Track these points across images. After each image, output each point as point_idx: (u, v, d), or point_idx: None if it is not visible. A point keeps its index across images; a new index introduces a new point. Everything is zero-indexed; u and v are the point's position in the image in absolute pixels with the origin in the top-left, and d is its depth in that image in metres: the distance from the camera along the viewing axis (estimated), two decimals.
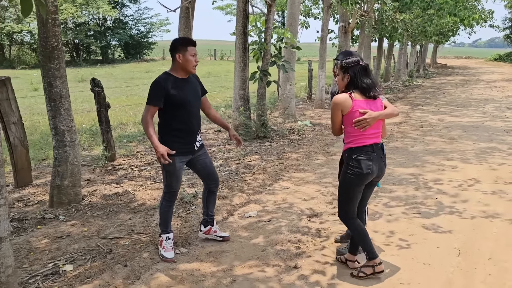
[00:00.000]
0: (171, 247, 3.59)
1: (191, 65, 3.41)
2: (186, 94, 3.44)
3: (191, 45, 3.42)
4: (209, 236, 3.90)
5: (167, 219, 3.61)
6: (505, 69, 35.11)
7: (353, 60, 3.09)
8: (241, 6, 8.18)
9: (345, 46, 14.06)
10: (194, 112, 3.49)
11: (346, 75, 3.10)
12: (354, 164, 3.09)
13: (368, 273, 3.22)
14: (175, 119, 3.42)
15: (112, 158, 6.60)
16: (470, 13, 19.30)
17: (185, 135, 3.47)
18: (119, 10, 35.79)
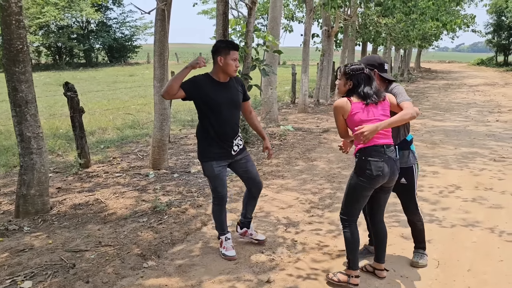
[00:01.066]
0: (231, 245, 3.68)
1: (232, 69, 3.39)
2: (221, 98, 3.41)
3: (234, 49, 3.40)
4: (245, 238, 3.92)
5: (221, 222, 3.68)
6: (487, 73, 35.60)
7: (357, 67, 3.08)
8: (221, 9, 8.02)
9: (328, 50, 14.04)
10: (228, 117, 3.45)
11: (348, 82, 3.08)
12: (364, 165, 3.01)
13: (341, 280, 3.17)
14: (210, 123, 3.42)
15: (86, 164, 6.38)
16: (452, 18, 19.51)
17: (219, 139, 3.45)
18: (102, 13, 35.40)
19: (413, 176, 3.34)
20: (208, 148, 3.45)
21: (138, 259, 3.57)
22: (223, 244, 3.67)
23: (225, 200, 3.65)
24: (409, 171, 3.32)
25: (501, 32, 45.21)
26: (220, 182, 3.52)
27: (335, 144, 8.23)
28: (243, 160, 3.61)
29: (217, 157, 3.46)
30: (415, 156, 3.38)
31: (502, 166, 6.54)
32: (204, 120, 3.45)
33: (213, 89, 3.39)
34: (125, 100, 14.28)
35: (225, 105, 3.42)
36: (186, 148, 7.77)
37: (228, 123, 3.45)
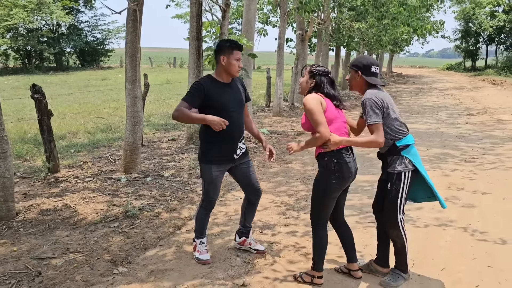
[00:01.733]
0: (206, 249, 3.61)
1: (234, 69, 3.31)
2: (226, 99, 3.32)
3: (237, 49, 3.32)
4: (243, 247, 3.77)
5: (203, 226, 3.60)
6: (456, 77, 36.61)
7: (323, 69, 3.13)
8: (194, 11, 7.95)
9: (302, 54, 14.12)
10: (234, 118, 3.33)
11: (311, 80, 3.10)
12: (335, 167, 2.99)
13: (306, 281, 3.22)
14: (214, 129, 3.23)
15: (55, 169, 6.16)
16: (423, 24, 19.99)
17: (223, 142, 3.34)
18: (73, 16, 34.63)
19: (400, 185, 3.06)
20: (210, 151, 3.35)
21: (108, 266, 3.43)
22: (197, 247, 3.58)
23: (213, 206, 3.58)
24: (396, 177, 3.06)
25: (468, 38, 46.60)
26: (214, 187, 3.45)
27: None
28: (244, 165, 3.52)
29: (218, 161, 3.37)
30: (410, 162, 3.06)
31: (472, 167, 6.68)
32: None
33: (218, 91, 3.30)
34: (97, 104, 13.96)
35: (231, 107, 3.33)
36: (159, 151, 7.62)
37: (235, 124, 3.33)
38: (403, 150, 3.07)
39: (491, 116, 12.64)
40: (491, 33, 42.20)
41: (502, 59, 43.38)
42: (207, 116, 3.13)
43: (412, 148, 3.12)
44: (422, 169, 3.10)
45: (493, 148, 8.09)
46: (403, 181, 3.06)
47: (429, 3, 17.70)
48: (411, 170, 3.06)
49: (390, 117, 3.03)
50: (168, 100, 15.08)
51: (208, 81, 3.33)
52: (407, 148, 3.08)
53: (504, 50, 45.39)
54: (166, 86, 20.26)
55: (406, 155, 3.07)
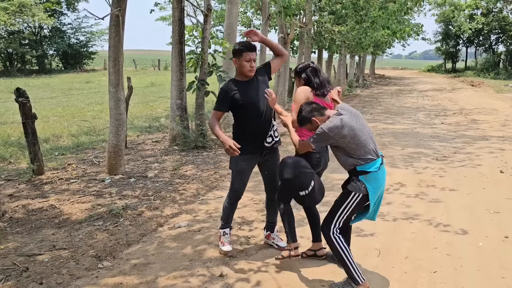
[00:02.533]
0: (228, 241, 3.82)
1: (246, 70, 3.55)
2: (250, 96, 3.57)
3: (247, 51, 3.53)
4: (269, 241, 4.00)
5: (228, 215, 3.85)
6: (436, 79, 37.41)
7: (304, 64, 3.56)
8: (176, 16, 8.15)
9: None
10: (260, 112, 3.58)
11: (299, 78, 3.52)
12: (305, 155, 3.37)
13: (285, 256, 3.50)
14: (244, 121, 3.60)
15: (40, 171, 6.28)
16: (402, 27, 20.48)
17: (252, 135, 3.59)
18: (56, 18, 34.39)
19: (345, 200, 3.17)
20: (240, 144, 3.47)
21: (93, 260, 3.62)
22: (221, 238, 3.83)
23: (239, 197, 3.82)
24: (346, 193, 3.19)
25: (448, 41, 47.62)
26: (241, 179, 3.72)
27: (290, 147, 8.50)
28: (271, 163, 3.72)
29: (246, 152, 3.53)
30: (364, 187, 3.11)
31: (443, 165, 7.02)
32: (239, 119, 3.64)
33: (242, 92, 3.57)
34: (81, 107, 14.01)
35: (256, 102, 3.57)
36: (143, 153, 7.78)
37: (261, 118, 3.58)
38: (361, 175, 3.12)
39: (466, 117, 13.10)
40: (470, 36, 43.22)
41: (481, 61, 44.46)
42: (222, 137, 3.46)
43: (373, 174, 3.10)
44: (373, 195, 3.13)
45: (464, 147, 8.47)
46: (350, 200, 3.15)
47: (407, 7, 18.17)
48: (362, 194, 3.13)
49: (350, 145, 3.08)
50: (152, 103, 15.19)
51: (231, 84, 3.63)
52: (366, 175, 3.10)
53: (483, 52, 46.53)
54: (150, 89, 20.32)
55: (363, 180, 3.11)
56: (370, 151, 3.11)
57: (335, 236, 3.17)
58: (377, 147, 3.21)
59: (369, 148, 3.11)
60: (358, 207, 3.19)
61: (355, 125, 3.08)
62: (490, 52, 44.56)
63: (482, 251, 3.87)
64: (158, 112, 13.12)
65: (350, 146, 3.08)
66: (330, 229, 3.18)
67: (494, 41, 44.40)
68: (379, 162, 3.13)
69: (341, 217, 3.19)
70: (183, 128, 8.14)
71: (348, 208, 3.17)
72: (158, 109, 13.70)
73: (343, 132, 3.03)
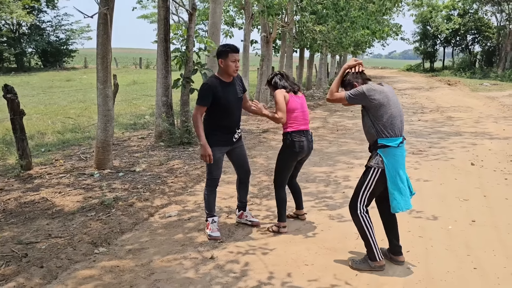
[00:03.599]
0: (217, 228, 4.13)
1: (231, 69, 3.91)
2: (229, 96, 3.98)
3: (232, 52, 3.88)
4: (242, 220, 4.43)
5: (210, 203, 4.15)
6: (415, 78, 38.27)
7: (272, 74, 4.30)
8: (162, 14, 8.32)
9: (267, 56, 14.66)
10: (234, 110, 4.03)
11: (271, 87, 4.26)
12: (288, 143, 4.06)
13: (275, 230, 4.23)
14: (218, 117, 3.97)
15: (28, 167, 6.39)
16: (381, 26, 20.99)
17: (224, 129, 4.03)
18: (35, 15, 33.87)
19: (366, 177, 3.39)
20: (214, 137, 3.96)
21: (89, 247, 3.82)
22: (209, 226, 4.10)
23: (217, 184, 4.18)
24: (367, 170, 3.41)
25: (426, 41, 48.69)
26: (217, 166, 4.08)
27: (273, 143, 8.78)
28: (239, 149, 4.21)
29: (220, 144, 4.01)
30: (382, 162, 3.32)
31: (419, 158, 7.39)
32: (212, 114, 3.98)
33: (223, 91, 3.93)
34: (63, 105, 13.99)
35: (233, 103, 4.01)
36: (129, 149, 7.94)
37: (234, 115, 4.06)
38: (380, 149, 3.32)
39: (442, 114, 13.61)
40: (447, 36, 44.29)
41: (458, 61, 45.63)
42: (203, 142, 3.88)
43: (392, 150, 3.30)
44: (392, 171, 3.31)
45: (439, 142, 8.89)
46: (370, 176, 3.36)
47: (386, 7, 18.66)
48: (381, 169, 3.32)
49: (378, 111, 3.30)
50: (136, 101, 15.27)
51: (215, 81, 3.94)
52: (385, 149, 3.31)
53: (459, 52, 47.76)
54: (133, 87, 20.35)
55: (382, 154, 3.32)
56: (394, 127, 3.32)
57: (362, 214, 3.47)
58: (403, 129, 3.43)
59: (394, 123, 3.32)
60: (379, 183, 3.37)
61: (390, 96, 3.36)
62: (466, 52, 45.78)
63: (451, 233, 4.21)
64: (142, 110, 13.23)
65: (379, 113, 3.30)
66: (357, 208, 3.48)
67: (470, 41, 45.63)
68: (399, 140, 3.34)
69: (364, 194, 3.44)
70: (169, 124, 8.32)
71: (370, 184, 3.40)
72: (142, 107, 13.80)
73: (377, 96, 3.31)
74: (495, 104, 16.43)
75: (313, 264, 3.57)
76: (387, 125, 3.31)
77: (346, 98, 3.44)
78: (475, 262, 3.62)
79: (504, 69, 34.59)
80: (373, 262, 3.45)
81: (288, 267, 3.50)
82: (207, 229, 4.11)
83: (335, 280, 3.32)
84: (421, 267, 3.53)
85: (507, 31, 37.20)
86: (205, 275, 3.37)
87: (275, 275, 3.38)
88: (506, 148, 8.25)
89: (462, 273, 3.44)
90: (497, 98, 18.74)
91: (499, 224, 4.46)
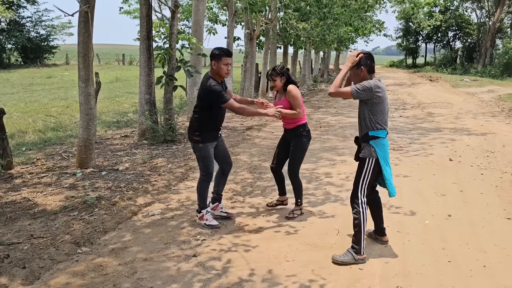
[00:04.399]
0: (212, 217, 4.37)
1: (223, 72, 4.16)
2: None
3: (225, 56, 4.12)
4: (216, 212, 4.55)
5: (205, 197, 4.38)
6: (397, 74, 38.77)
7: (283, 66, 4.57)
8: (144, 12, 8.28)
9: (251, 53, 14.70)
10: (223, 108, 4.24)
11: (283, 78, 4.43)
12: (307, 134, 4.52)
13: (299, 214, 4.63)
14: (213, 115, 4.21)
15: (9, 166, 6.32)
16: (363, 24, 21.19)
17: (214, 126, 4.30)
18: (14, 11, 33.18)
19: (363, 168, 3.65)
20: (207, 133, 4.22)
21: (72, 246, 3.83)
22: (204, 217, 4.30)
23: (212, 178, 4.38)
24: (362, 162, 3.68)
25: (409, 37, 49.32)
26: (211, 161, 4.32)
27: (257, 140, 8.85)
28: (221, 143, 4.48)
29: (211, 140, 4.27)
30: (374, 152, 3.61)
31: (399, 154, 7.54)
32: (207, 112, 4.18)
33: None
34: (45, 103, 13.81)
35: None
36: (112, 148, 7.91)
37: (223, 114, 4.35)
38: (372, 140, 3.62)
39: (423, 110, 13.86)
40: (429, 32, 44.94)
41: (439, 57, 46.33)
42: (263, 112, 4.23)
43: (381, 140, 3.63)
44: (383, 160, 3.65)
45: (419, 138, 9.07)
46: (366, 166, 3.65)
47: (369, 4, 18.85)
48: (375, 158, 3.62)
49: (376, 107, 3.57)
50: (119, 98, 15.16)
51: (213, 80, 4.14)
52: (376, 140, 3.61)
53: (441, 48, 48.50)
54: (115, 84, 20.16)
55: (373, 145, 3.61)
56: (384, 121, 3.65)
57: (363, 205, 3.70)
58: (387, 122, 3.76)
59: (384, 118, 3.66)
60: (374, 172, 3.68)
61: (385, 93, 3.69)
62: (447, 48, 46.51)
63: (427, 228, 4.35)
64: (125, 107, 13.14)
65: (376, 108, 3.59)
66: (358, 198, 3.70)
67: (451, 38, 46.37)
68: (386, 132, 3.70)
69: (364, 184, 3.70)
70: (152, 122, 8.31)
71: (367, 174, 3.68)
72: (125, 104, 13.71)
73: (380, 94, 3.57)
74: (474, 100, 16.80)
75: (294, 260, 3.65)
76: (379, 119, 3.62)
77: (352, 93, 3.58)
78: (449, 255, 3.75)
79: (484, 65, 35.30)
80: (358, 255, 3.63)
81: (270, 264, 3.58)
82: (202, 220, 4.31)
83: (313, 276, 3.40)
84: (398, 261, 3.65)
85: (487, 28, 37.91)
86: (187, 273, 3.42)
87: (256, 271, 3.45)
88: (483, 143, 8.48)
89: (437, 266, 3.56)
90: (477, 94, 19.15)
91: (474, 218, 4.61)
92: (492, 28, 36.11)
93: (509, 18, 39.30)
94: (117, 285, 3.21)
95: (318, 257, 3.72)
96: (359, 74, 3.64)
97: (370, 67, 3.64)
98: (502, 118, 12.07)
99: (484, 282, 3.32)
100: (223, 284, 3.26)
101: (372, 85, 3.54)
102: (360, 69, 3.62)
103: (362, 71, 3.62)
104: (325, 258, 3.70)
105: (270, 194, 5.40)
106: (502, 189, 5.62)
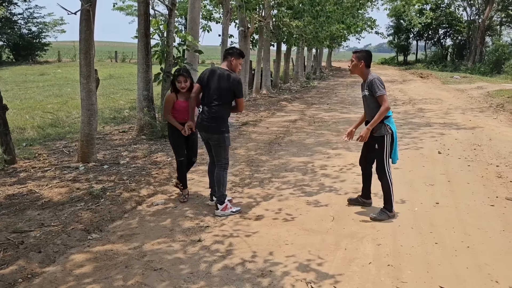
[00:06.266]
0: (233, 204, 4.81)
1: (237, 69, 4.63)
2: None
3: (242, 57, 4.64)
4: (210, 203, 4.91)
5: (226, 185, 4.72)
6: (389, 71, 39.19)
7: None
8: (142, 10, 8.46)
9: (245, 50, 14.90)
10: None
11: (360, 62, 4.49)
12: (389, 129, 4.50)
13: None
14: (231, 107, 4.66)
15: (12, 161, 6.49)
16: (356, 21, 21.48)
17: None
18: (5, 8, 32.99)
19: (383, 144, 4.40)
20: (228, 124, 4.64)
21: (83, 233, 4.04)
22: (228, 205, 4.63)
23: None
24: (380, 140, 4.40)
25: (400, 34, 49.81)
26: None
27: (253, 135, 9.08)
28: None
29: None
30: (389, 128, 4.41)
31: None
32: (230, 104, 4.61)
33: None
34: (40, 100, 13.91)
35: None
36: (112, 143, 8.09)
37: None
38: (386, 119, 4.38)
39: (413, 106, 14.18)
40: (420, 30, 45.40)
41: (430, 54, 46.84)
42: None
43: (390, 118, 4.44)
44: (395, 133, 4.48)
45: (410, 132, 9.37)
46: (385, 142, 4.42)
47: (360, 2, 19.15)
48: (390, 134, 4.41)
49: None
50: (114, 95, 15.29)
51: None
52: (388, 118, 4.41)
53: (432, 46, 49.02)
54: (109, 81, 20.25)
55: (387, 123, 4.41)
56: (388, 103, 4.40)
57: (390, 175, 4.50)
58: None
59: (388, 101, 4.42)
60: (391, 145, 4.46)
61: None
62: (438, 46, 47.01)
63: (416, 214, 4.63)
64: (121, 104, 13.30)
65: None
66: (385, 171, 4.47)
67: (442, 35, 46.88)
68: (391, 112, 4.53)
69: (387, 157, 4.47)
70: (150, 118, 8.51)
71: (387, 148, 4.44)
72: (120, 101, 13.87)
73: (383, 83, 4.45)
74: (463, 96, 17.17)
75: (293, 243, 3.90)
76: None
77: (385, 95, 4.35)
78: (436, 238, 4.03)
79: (473, 62, 35.81)
80: (391, 212, 4.46)
81: (270, 247, 3.83)
82: (226, 210, 4.59)
83: (311, 256, 3.66)
84: (389, 243, 3.92)
85: (476, 25, 38.42)
86: (194, 255, 3.66)
87: (258, 253, 3.70)
88: (471, 137, 8.80)
89: (425, 247, 3.84)
90: (466, 90, 19.54)
91: (460, 205, 4.90)
92: (482, 25, 36.67)
93: (498, 16, 39.89)
94: (129, 267, 3.44)
95: (315, 240, 3.97)
96: (359, 66, 4.46)
97: (367, 62, 4.47)
98: (489, 113, 12.43)
99: (467, 260, 3.60)
100: (228, 264, 3.50)
101: (380, 79, 4.43)
102: (361, 62, 4.44)
103: (362, 64, 4.44)
104: (322, 241, 3.95)
105: (267, 185, 5.64)
106: (487, 179, 5.92)
